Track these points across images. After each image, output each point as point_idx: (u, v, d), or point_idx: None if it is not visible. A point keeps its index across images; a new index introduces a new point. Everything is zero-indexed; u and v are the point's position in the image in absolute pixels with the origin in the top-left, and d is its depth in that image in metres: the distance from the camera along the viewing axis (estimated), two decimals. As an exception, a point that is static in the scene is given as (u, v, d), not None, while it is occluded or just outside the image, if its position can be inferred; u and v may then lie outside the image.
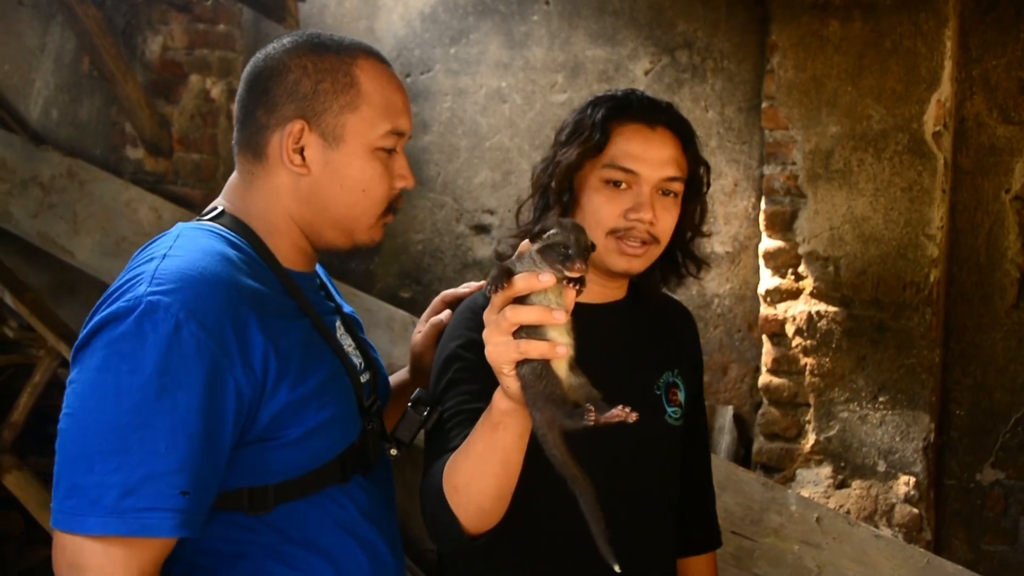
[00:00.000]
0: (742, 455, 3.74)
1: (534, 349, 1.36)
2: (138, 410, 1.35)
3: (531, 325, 1.37)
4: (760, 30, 3.75)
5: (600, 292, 1.89)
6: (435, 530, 1.58)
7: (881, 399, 3.52)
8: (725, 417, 3.77)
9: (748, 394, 3.80)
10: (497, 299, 1.37)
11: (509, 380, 1.39)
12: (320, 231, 1.60)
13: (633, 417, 1.35)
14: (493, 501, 1.51)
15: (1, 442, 3.49)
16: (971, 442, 3.59)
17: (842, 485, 3.56)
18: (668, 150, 1.83)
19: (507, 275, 1.37)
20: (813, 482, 3.58)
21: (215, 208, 1.63)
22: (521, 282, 1.36)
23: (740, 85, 3.81)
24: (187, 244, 1.50)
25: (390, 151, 1.61)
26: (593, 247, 1.43)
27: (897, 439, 3.50)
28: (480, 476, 1.49)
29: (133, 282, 1.42)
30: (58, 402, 1.44)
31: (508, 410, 1.44)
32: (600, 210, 1.80)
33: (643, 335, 1.94)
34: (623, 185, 1.80)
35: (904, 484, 3.48)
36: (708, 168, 1.93)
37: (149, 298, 1.38)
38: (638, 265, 1.83)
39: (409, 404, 1.68)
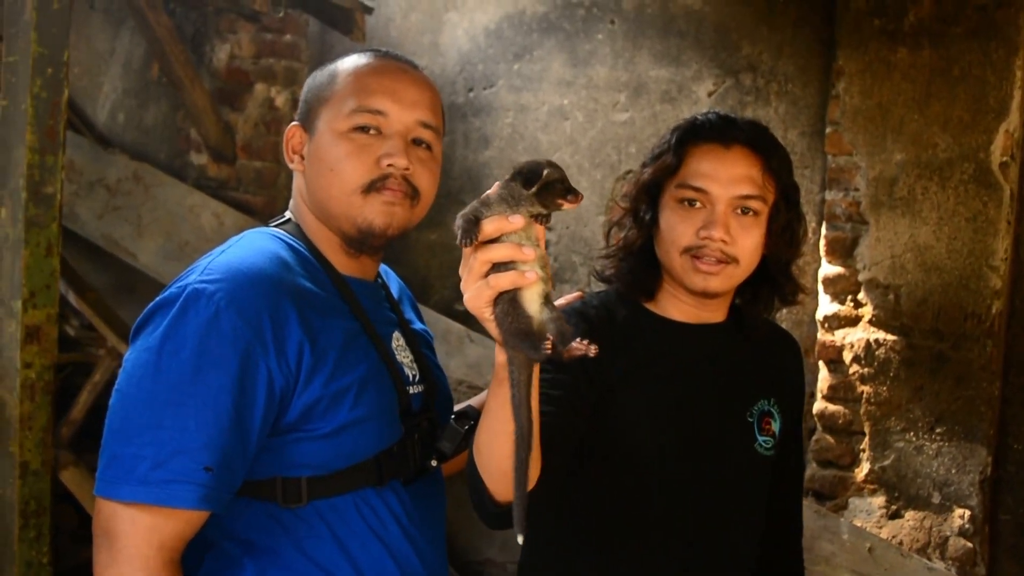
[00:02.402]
0: (794, 481, 3.72)
1: (504, 279, 1.35)
2: (174, 388, 1.45)
3: (502, 263, 1.36)
4: (825, 53, 3.73)
5: (695, 312, 1.90)
6: (473, 498, 1.59)
7: (938, 430, 3.48)
8: (778, 442, 3.75)
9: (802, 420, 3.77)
10: (469, 250, 1.38)
11: (490, 325, 1.39)
12: (329, 221, 1.66)
13: (593, 351, 1.35)
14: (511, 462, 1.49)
15: (60, 438, 3.53)
16: (1028, 477, 3.55)
17: (895, 515, 3.52)
18: (742, 168, 1.84)
19: (476, 224, 1.37)
20: (866, 511, 3.54)
21: (284, 216, 1.74)
22: (490, 226, 1.35)
23: (804, 109, 3.79)
24: (246, 244, 1.61)
25: (367, 130, 1.63)
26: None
27: (953, 471, 3.46)
28: (496, 435, 1.49)
29: (187, 273, 1.54)
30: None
31: (504, 362, 1.44)
32: (674, 229, 1.84)
33: (740, 360, 1.94)
34: (697, 204, 1.83)
35: (959, 517, 3.44)
36: (796, 188, 1.94)
37: (196, 286, 1.49)
38: (715, 284, 1.83)
39: (452, 416, 1.71)
